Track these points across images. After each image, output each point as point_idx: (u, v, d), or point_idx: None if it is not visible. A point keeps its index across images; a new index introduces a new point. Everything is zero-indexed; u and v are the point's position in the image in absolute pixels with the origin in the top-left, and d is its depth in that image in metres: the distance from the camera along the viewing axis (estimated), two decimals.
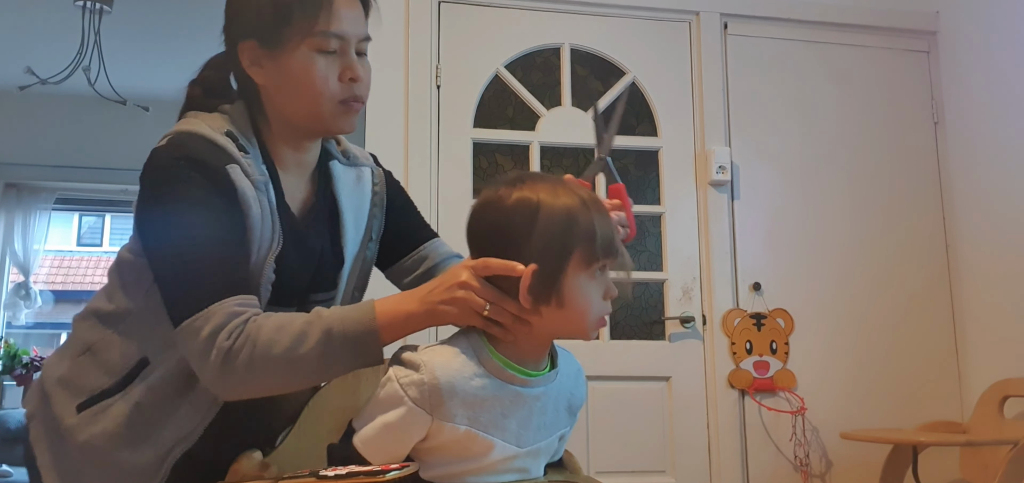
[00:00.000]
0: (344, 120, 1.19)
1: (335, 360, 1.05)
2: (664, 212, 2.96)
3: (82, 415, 1.15)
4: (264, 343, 1.02)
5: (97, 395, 1.15)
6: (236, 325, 1.03)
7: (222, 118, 1.19)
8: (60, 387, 1.18)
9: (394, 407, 1.01)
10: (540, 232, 1.02)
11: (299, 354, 1.02)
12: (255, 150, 1.18)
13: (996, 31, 2.98)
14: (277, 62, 1.16)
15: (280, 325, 1.04)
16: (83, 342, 1.20)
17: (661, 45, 3.07)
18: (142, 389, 1.14)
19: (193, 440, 1.14)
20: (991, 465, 2.58)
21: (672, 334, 2.90)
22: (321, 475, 0.92)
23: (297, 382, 1.08)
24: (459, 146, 2.85)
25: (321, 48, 1.15)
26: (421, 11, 2.87)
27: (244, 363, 1.02)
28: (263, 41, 1.16)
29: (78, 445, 1.14)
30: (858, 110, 3.14)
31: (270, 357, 1.02)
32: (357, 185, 1.33)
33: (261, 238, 1.12)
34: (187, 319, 1.04)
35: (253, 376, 1.03)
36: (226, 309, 1.03)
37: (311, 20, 1.14)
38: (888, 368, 2.98)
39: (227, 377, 1.03)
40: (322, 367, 1.05)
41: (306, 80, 1.15)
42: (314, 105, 1.17)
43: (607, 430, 2.77)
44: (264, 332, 1.03)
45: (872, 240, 3.06)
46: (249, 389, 1.05)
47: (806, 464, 2.83)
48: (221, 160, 1.11)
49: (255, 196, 1.12)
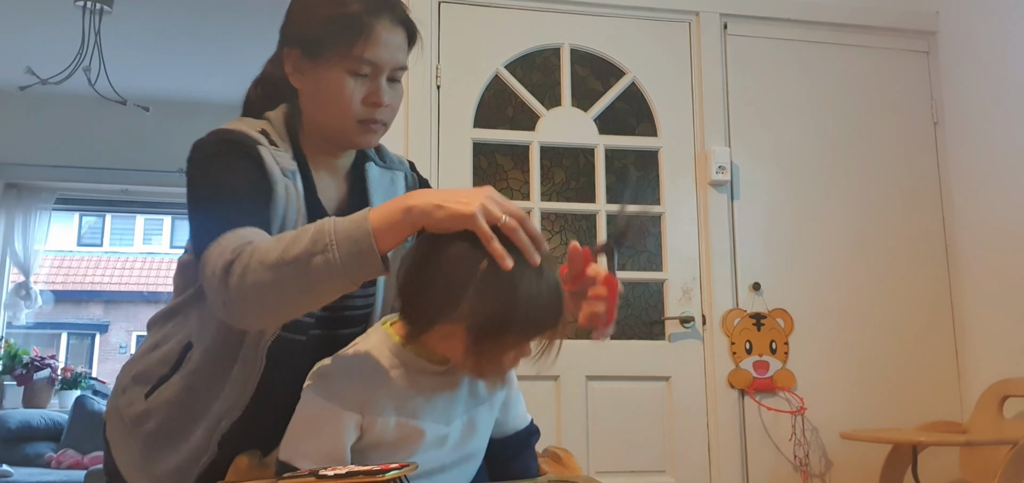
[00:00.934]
0: (362, 138, 1.27)
1: (331, 265, 0.99)
2: (664, 212, 2.96)
3: (148, 402, 1.23)
4: (261, 251, 1.02)
5: (157, 382, 1.24)
6: (242, 245, 1.04)
7: (261, 121, 1.27)
8: (133, 383, 1.27)
9: (322, 413, 1.04)
10: (479, 295, 0.97)
11: (292, 255, 0.99)
12: (287, 147, 1.25)
13: (996, 31, 2.98)
14: (314, 74, 1.23)
15: (279, 237, 1.05)
16: (152, 341, 1.30)
17: (661, 45, 3.07)
18: (188, 371, 1.21)
19: (237, 413, 1.18)
20: (991, 465, 2.58)
21: (672, 334, 2.90)
22: (321, 475, 0.92)
23: (295, 291, 1.02)
24: (459, 146, 2.85)
25: (354, 71, 1.22)
26: (421, 11, 2.87)
27: (239, 272, 1.01)
28: (306, 51, 1.24)
29: (145, 433, 1.23)
30: (858, 110, 3.15)
31: (265, 264, 1.00)
32: (391, 188, 1.38)
33: (285, 219, 1.18)
34: (204, 251, 1.07)
35: (250, 287, 1.01)
36: (237, 234, 1.06)
37: (351, 43, 1.20)
38: (888, 368, 2.99)
39: (225, 292, 1.02)
40: (317, 272, 0.99)
41: (335, 96, 1.23)
42: (337, 119, 1.24)
43: (607, 430, 2.78)
44: (263, 243, 1.04)
45: (872, 240, 3.06)
46: (250, 304, 1.02)
47: (806, 464, 2.84)
48: (251, 141, 1.20)
49: (281, 178, 1.19)
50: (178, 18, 4.11)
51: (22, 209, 5.38)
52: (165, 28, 4.24)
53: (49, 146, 5.08)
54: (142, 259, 14.86)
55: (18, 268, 5.42)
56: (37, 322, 8.98)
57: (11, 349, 5.16)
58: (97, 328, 14.10)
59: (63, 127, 5.07)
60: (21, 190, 5.35)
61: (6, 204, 5.30)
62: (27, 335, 7.93)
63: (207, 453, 1.19)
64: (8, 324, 5.42)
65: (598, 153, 2.96)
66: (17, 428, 4.75)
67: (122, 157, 5.08)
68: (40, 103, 4.81)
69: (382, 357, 1.07)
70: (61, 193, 5.54)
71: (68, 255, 14.54)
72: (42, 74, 3.95)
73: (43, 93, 4.36)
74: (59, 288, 12.76)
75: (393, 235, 1.00)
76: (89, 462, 4.49)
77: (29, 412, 4.95)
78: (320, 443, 1.03)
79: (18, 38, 4.33)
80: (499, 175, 2.93)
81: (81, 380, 5.42)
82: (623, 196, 2.61)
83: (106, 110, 4.35)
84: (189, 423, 1.20)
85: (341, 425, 1.03)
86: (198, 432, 1.19)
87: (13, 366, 5.09)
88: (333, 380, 1.06)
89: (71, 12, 3.86)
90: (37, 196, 5.41)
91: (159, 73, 4.74)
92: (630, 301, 2.93)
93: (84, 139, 5.07)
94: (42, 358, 5.25)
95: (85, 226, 15.10)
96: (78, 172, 5.16)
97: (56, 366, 5.33)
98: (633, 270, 2.95)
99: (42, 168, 5.14)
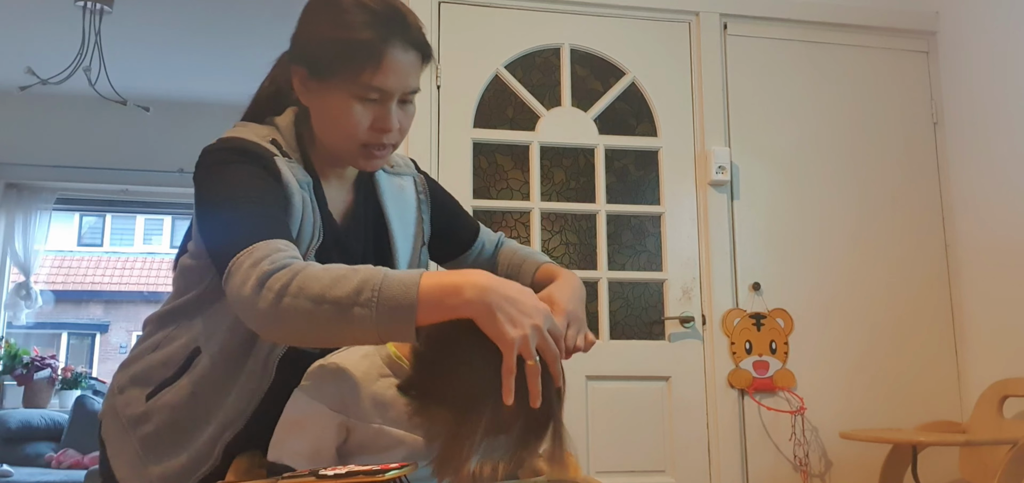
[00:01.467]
0: (367, 162, 1.24)
1: (366, 320, 0.96)
2: (664, 212, 2.96)
3: (148, 404, 1.21)
4: (308, 278, 0.98)
5: (159, 385, 1.22)
6: (279, 257, 1.01)
7: (268, 129, 1.24)
8: (133, 384, 1.25)
9: (307, 412, 1.05)
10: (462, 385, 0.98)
11: (334, 295, 0.97)
12: (298, 157, 1.23)
13: (996, 31, 2.98)
14: (320, 95, 1.20)
15: (328, 268, 1.00)
16: (152, 342, 1.27)
17: (661, 45, 3.07)
18: (195, 376, 1.19)
19: (242, 423, 1.17)
20: (991, 465, 2.59)
21: (672, 334, 2.90)
22: (321, 475, 0.92)
23: (330, 330, 0.99)
24: (459, 146, 2.85)
25: (362, 97, 1.18)
26: (421, 11, 2.85)
27: (278, 290, 0.98)
28: (312, 72, 1.20)
29: (143, 435, 1.21)
30: (858, 110, 3.15)
31: (308, 294, 0.97)
32: (401, 193, 1.37)
33: (302, 229, 1.17)
34: (232, 259, 1.03)
35: (288, 310, 0.98)
36: (271, 245, 1.03)
37: (359, 71, 1.16)
38: (888, 368, 2.99)
39: (260, 305, 0.99)
40: (353, 321, 0.97)
41: (341, 119, 1.19)
42: (342, 143, 1.22)
43: (607, 430, 2.78)
44: (312, 270, 1.00)
45: (872, 240, 3.06)
46: (284, 325, 0.99)
47: (805, 464, 2.84)
48: (268, 153, 1.17)
49: (298, 190, 1.17)
50: (178, 18, 4.11)
51: (22, 209, 5.37)
52: (165, 28, 4.24)
53: (49, 146, 5.08)
54: (142, 259, 14.86)
55: (18, 268, 5.42)
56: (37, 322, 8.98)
57: (11, 349, 5.16)
58: (97, 328, 14.11)
59: (63, 127, 5.07)
60: (21, 190, 5.35)
61: (6, 204, 5.30)
62: (27, 335, 7.93)
63: (209, 461, 1.17)
64: (8, 324, 5.42)
65: (598, 153, 2.96)
66: (17, 428, 4.74)
67: (122, 157, 5.08)
68: (40, 103, 4.82)
69: (374, 366, 1.08)
70: (61, 193, 5.53)
71: (68, 255, 14.54)
72: (42, 74, 3.95)
73: (43, 93, 4.37)
74: (59, 288, 12.77)
75: (438, 314, 0.97)
76: (89, 462, 4.49)
77: (29, 412, 4.95)
78: (305, 442, 1.05)
79: (18, 38, 4.33)
80: (499, 175, 2.94)
81: (81, 380, 5.42)
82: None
83: (106, 110, 4.36)
84: (191, 429, 1.18)
85: (324, 425, 1.05)
86: (201, 439, 1.17)
87: (13, 366, 5.09)
88: (321, 382, 1.08)
89: (71, 12, 3.86)
90: (37, 196, 5.41)
91: (159, 73, 4.74)
92: (630, 301, 2.94)
93: (84, 139, 5.07)
94: (42, 358, 5.25)
95: (85, 226, 15.10)
96: (78, 172, 5.15)
97: (56, 366, 5.33)
98: (633, 270, 2.95)
99: (42, 168, 5.14)
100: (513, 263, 1.45)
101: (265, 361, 1.17)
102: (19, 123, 5.02)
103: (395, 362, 1.08)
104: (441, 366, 0.98)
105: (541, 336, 0.97)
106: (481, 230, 1.51)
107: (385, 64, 1.16)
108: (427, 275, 0.98)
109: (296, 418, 1.06)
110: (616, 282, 2.92)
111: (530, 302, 0.98)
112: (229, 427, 1.17)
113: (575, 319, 1.15)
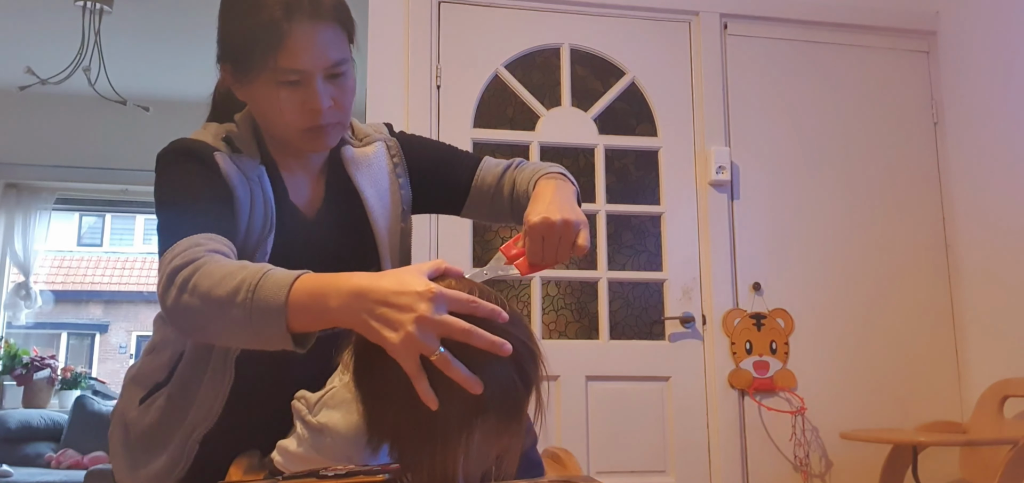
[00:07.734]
0: (314, 144, 1.20)
1: (241, 323, 0.93)
2: (664, 212, 2.96)
3: (140, 408, 1.22)
4: (203, 274, 0.97)
5: (152, 388, 1.23)
6: (192, 252, 1.01)
7: (226, 126, 1.23)
8: (132, 384, 1.27)
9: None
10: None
11: (217, 294, 0.94)
12: (254, 150, 1.22)
13: (996, 31, 2.98)
14: (247, 88, 1.18)
15: (224, 264, 0.98)
16: (153, 342, 1.28)
17: (661, 45, 3.07)
18: (176, 377, 1.20)
19: (210, 423, 1.17)
20: (991, 465, 2.58)
21: (672, 334, 2.90)
22: (321, 475, 0.92)
23: (219, 328, 0.97)
24: (459, 146, 2.84)
25: (282, 81, 1.14)
26: (421, 11, 2.88)
27: (178, 287, 0.98)
28: (235, 67, 1.18)
29: (135, 436, 1.22)
30: (858, 110, 3.15)
31: (198, 290, 0.96)
32: (371, 163, 1.32)
33: (252, 222, 1.16)
34: (161, 259, 1.05)
35: (183, 308, 0.98)
36: (191, 240, 1.03)
37: (269, 57, 1.12)
38: (888, 368, 2.98)
39: (164, 302, 1.01)
40: (234, 322, 0.94)
41: (270, 109, 1.17)
42: (281, 131, 1.19)
43: (607, 430, 2.78)
44: (208, 266, 0.98)
45: (872, 240, 3.06)
46: (185, 322, 1.00)
47: (806, 464, 2.84)
48: (209, 149, 1.17)
49: (241, 180, 1.16)
50: (178, 18, 4.11)
51: (22, 209, 5.37)
52: (165, 28, 4.23)
53: (49, 146, 5.08)
54: (142, 259, 14.86)
55: (18, 268, 5.41)
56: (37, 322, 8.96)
57: (11, 349, 5.15)
58: (97, 328, 14.11)
59: (63, 127, 5.06)
60: (21, 190, 5.34)
61: (6, 204, 5.30)
62: (27, 335, 7.92)
63: (181, 463, 1.17)
64: (8, 324, 5.41)
65: (598, 153, 2.96)
66: (17, 428, 4.74)
67: (122, 157, 5.07)
68: (40, 103, 4.81)
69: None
70: (61, 193, 5.52)
71: (68, 255, 14.55)
72: (42, 74, 3.95)
73: (43, 93, 4.36)
74: (59, 288, 12.77)
75: (310, 320, 0.91)
76: (89, 462, 4.49)
77: (29, 412, 4.94)
78: None
79: (18, 38, 4.33)
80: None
81: (81, 380, 5.41)
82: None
83: (106, 110, 4.35)
84: (168, 432, 1.19)
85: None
86: (174, 442, 1.18)
87: (13, 366, 5.08)
88: (307, 443, 1.02)
89: (71, 12, 3.86)
90: (37, 196, 5.40)
91: (159, 73, 4.73)
92: (630, 301, 2.93)
93: (84, 139, 5.07)
94: (42, 358, 5.24)
95: (85, 226, 15.10)
96: (78, 172, 5.15)
97: (56, 366, 5.32)
98: (633, 270, 2.95)
99: (42, 168, 5.13)
100: (518, 187, 1.36)
101: (224, 360, 1.16)
102: (19, 123, 5.02)
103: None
104: (388, 401, 0.90)
105: (433, 323, 0.84)
106: (482, 163, 1.43)
107: (291, 43, 1.11)
108: (305, 278, 0.92)
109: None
110: (616, 282, 2.92)
111: (408, 290, 0.86)
112: (199, 426, 1.17)
113: (563, 227, 1.13)
